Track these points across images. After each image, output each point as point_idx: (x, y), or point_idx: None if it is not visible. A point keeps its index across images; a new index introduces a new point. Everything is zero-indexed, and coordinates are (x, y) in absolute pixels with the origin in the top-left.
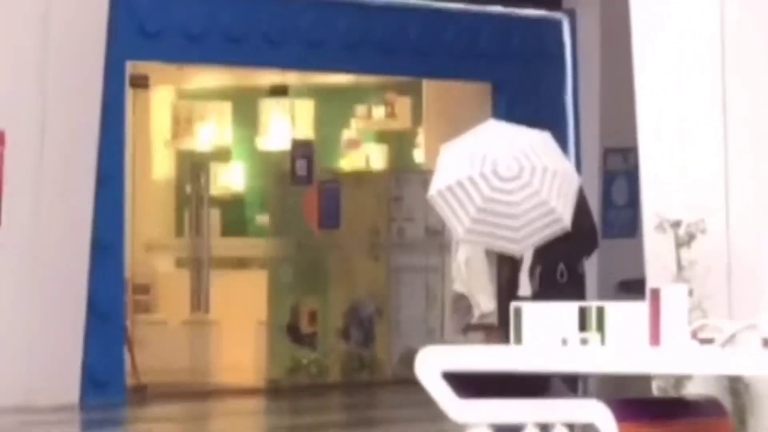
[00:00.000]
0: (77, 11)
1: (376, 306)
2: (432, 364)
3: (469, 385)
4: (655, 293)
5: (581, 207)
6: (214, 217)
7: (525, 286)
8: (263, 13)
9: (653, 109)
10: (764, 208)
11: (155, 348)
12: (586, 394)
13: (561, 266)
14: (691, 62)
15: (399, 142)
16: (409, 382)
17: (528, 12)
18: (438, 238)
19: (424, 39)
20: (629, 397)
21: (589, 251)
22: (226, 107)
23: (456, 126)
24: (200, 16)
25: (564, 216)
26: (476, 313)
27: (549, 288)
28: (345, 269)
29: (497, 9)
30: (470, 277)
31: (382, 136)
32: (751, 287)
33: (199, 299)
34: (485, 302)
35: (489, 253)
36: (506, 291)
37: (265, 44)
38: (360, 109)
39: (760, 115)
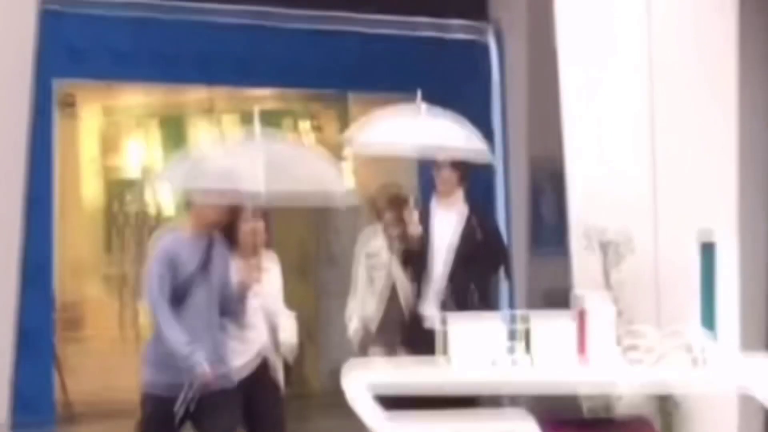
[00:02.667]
0: (3, 30)
1: (305, 325)
2: (357, 379)
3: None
4: (582, 312)
5: (487, 226)
6: (142, 237)
7: (432, 309)
8: (191, 32)
9: (580, 128)
10: (692, 228)
11: (85, 370)
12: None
13: (472, 288)
14: (618, 82)
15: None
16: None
17: (455, 30)
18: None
19: (351, 54)
20: (560, 416)
21: (496, 269)
22: (155, 127)
23: None
24: (127, 35)
25: None
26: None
27: (463, 311)
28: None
29: (425, 24)
30: (352, 289)
31: None
32: (680, 306)
33: (128, 319)
34: (351, 323)
35: (375, 271)
36: (412, 312)
37: (194, 62)
38: (287, 125)
39: (687, 135)
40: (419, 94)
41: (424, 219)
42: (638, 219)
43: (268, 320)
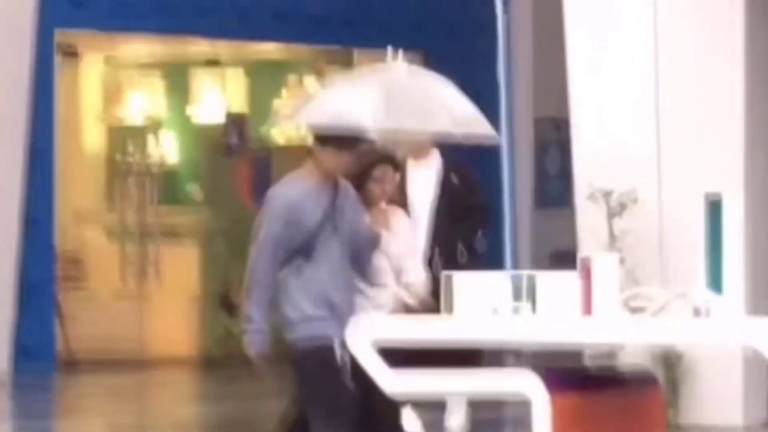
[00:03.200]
0: None
1: None
2: (363, 334)
3: (402, 355)
4: (586, 262)
5: (468, 184)
6: (145, 189)
7: (416, 273)
8: None
9: (585, 79)
10: (695, 177)
11: (86, 319)
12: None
13: (460, 247)
14: (623, 32)
15: None
16: None
17: None
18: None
19: (356, 8)
20: (561, 367)
21: (483, 226)
22: (158, 77)
23: None
24: None
25: None
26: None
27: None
28: None
29: None
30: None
31: None
32: (683, 256)
33: (130, 271)
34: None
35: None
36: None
37: (197, 13)
38: (292, 80)
39: (691, 85)
40: (389, 50)
41: (401, 179)
42: (643, 174)
43: (398, 280)
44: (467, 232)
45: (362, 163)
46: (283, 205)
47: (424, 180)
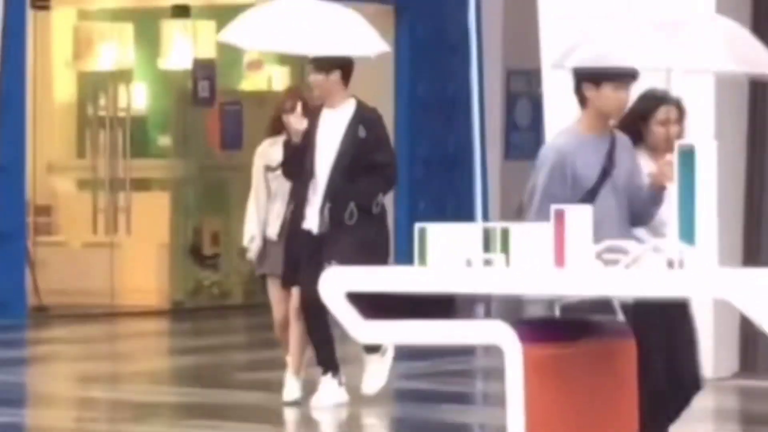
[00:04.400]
0: None
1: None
2: (336, 285)
3: (376, 306)
4: (560, 214)
5: (375, 139)
6: (116, 139)
7: (313, 222)
8: None
9: (557, 31)
10: None
11: (57, 269)
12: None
13: (351, 207)
14: None
15: (301, 63)
16: None
17: None
18: None
19: None
20: (534, 318)
21: (385, 187)
22: (128, 28)
23: None
24: None
25: None
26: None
27: (336, 229)
28: (247, 190)
29: None
30: (251, 202)
31: (284, 57)
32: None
33: (101, 221)
34: (246, 233)
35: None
36: (290, 222)
37: None
38: None
39: None
40: None
41: (311, 124)
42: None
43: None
44: (366, 190)
45: (643, 105)
46: (558, 160)
47: (333, 127)
